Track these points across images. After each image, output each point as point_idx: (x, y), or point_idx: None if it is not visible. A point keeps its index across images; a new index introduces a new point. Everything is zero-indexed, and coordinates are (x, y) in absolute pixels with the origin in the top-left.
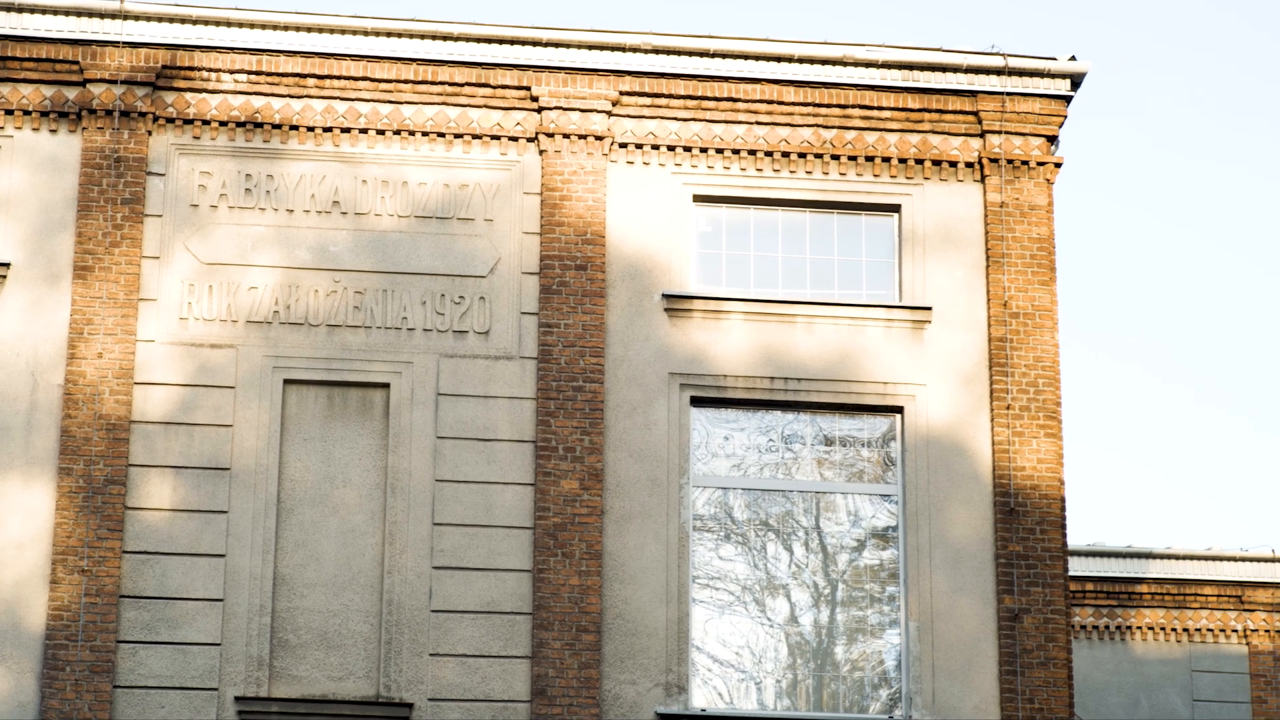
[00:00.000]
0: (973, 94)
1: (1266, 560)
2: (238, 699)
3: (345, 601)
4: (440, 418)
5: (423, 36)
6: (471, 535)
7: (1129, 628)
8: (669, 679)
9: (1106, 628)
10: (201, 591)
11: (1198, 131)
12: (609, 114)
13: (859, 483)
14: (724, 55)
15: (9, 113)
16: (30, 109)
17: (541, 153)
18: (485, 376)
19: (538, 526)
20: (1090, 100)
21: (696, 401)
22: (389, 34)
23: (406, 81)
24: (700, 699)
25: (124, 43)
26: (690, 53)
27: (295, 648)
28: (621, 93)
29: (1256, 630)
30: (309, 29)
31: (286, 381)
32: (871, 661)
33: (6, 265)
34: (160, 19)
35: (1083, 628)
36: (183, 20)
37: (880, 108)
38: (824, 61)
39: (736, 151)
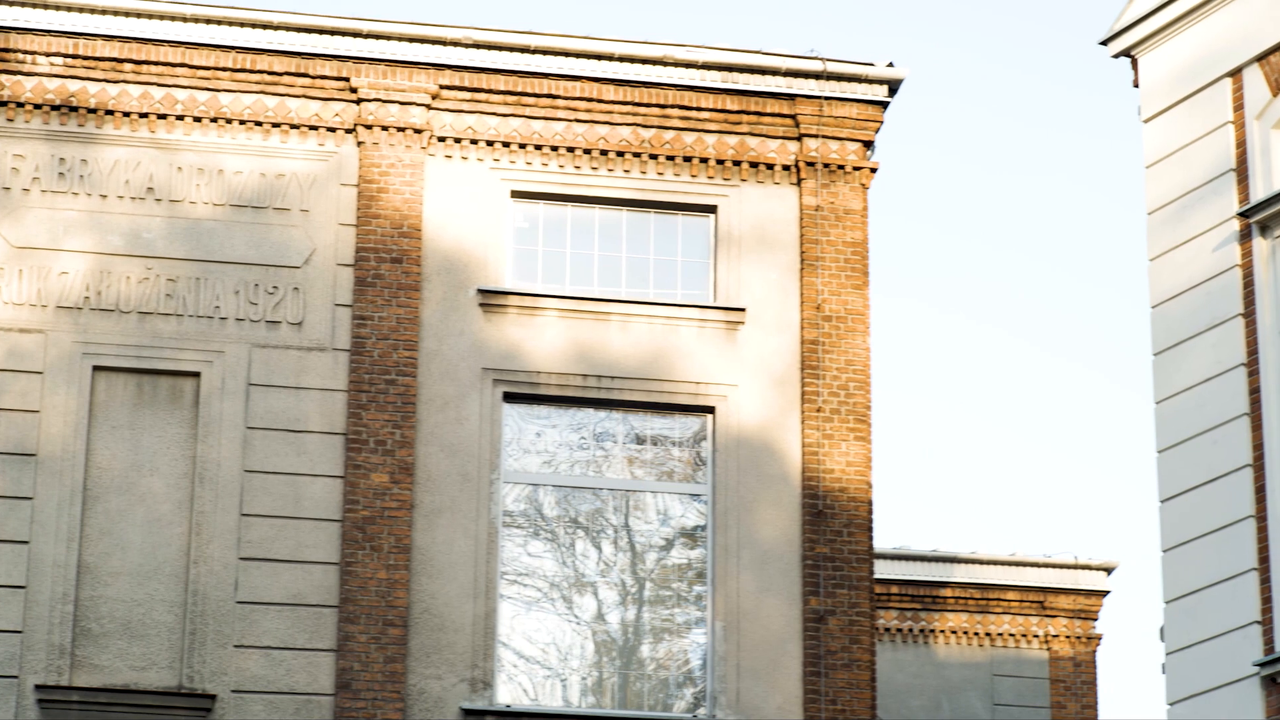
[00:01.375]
0: (791, 97)
1: (1069, 567)
2: (38, 687)
3: (150, 591)
4: (251, 408)
5: (242, 25)
6: (279, 527)
7: (932, 631)
8: (475, 674)
9: (910, 631)
10: (3, 578)
11: (1007, 141)
12: (428, 107)
13: (669, 482)
14: (544, 52)
15: None
16: None
17: (359, 144)
18: (297, 368)
19: (346, 519)
20: (908, 107)
21: (509, 397)
22: (208, 21)
23: (225, 69)
24: (505, 695)
25: None
26: (511, 48)
27: (98, 637)
28: (441, 86)
29: (1058, 636)
30: (127, 13)
31: (96, 368)
32: (677, 660)
33: None
34: None
35: (887, 630)
36: None
37: (699, 108)
38: (644, 61)
39: (555, 148)
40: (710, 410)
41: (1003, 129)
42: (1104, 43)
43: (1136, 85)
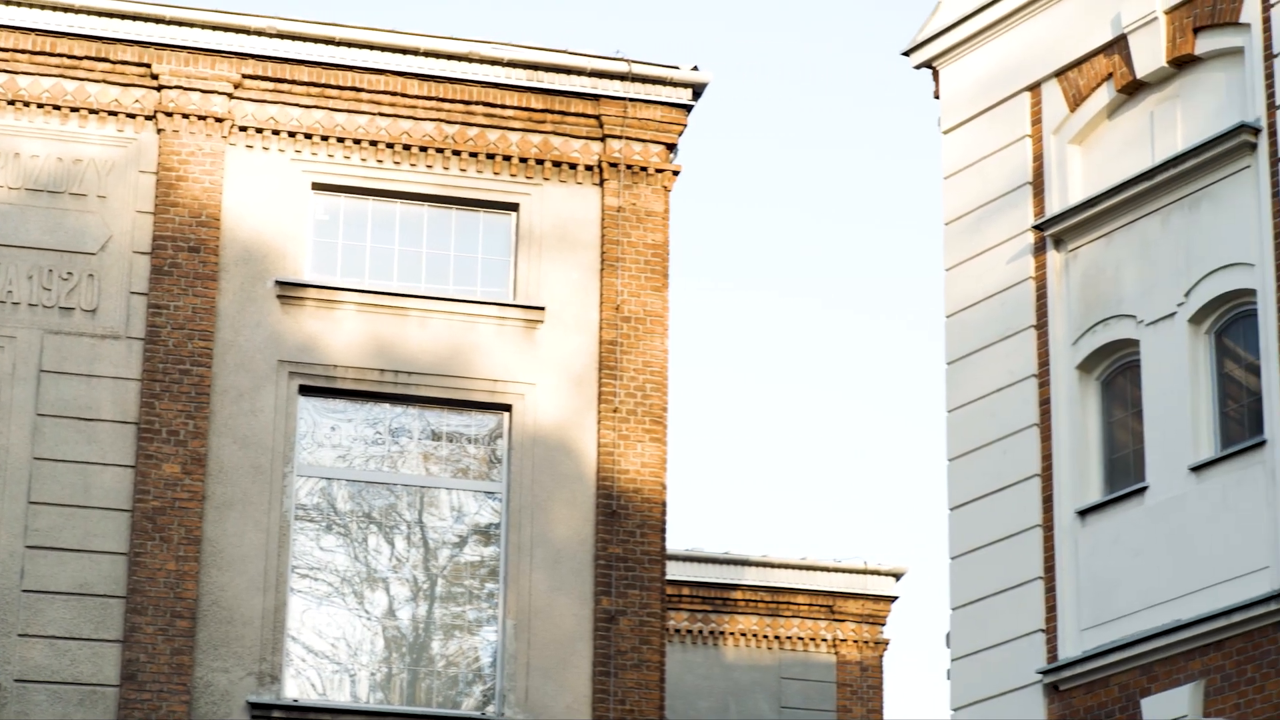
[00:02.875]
0: (595, 98)
1: (858, 572)
2: None
3: None
4: (42, 395)
5: (43, 7)
6: (68, 515)
7: (722, 633)
8: (263, 668)
9: (700, 632)
10: None
11: (813, 147)
12: (230, 96)
13: (464, 479)
14: (349, 44)
15: None
16: None
17: (159, 131)
18: (90, 355)
19: (136, 509)
20: (715, 110)
21: (305, 390)
22: (7, 3)
23: (24, 51)
24: (293, 690)
25: None
26: (315, 39)
27: None
28: (244, 75)
29: (846, 640)
30: None
31: None
32: (467, 658)
33: None
34: None
35: (677, 631)
36: None
37: (503, 106)
38: (449, 56)
39: (358, 141)
40: (507, 408)
41: (810, 134)
42: (906, 53)
43: (937, 97)
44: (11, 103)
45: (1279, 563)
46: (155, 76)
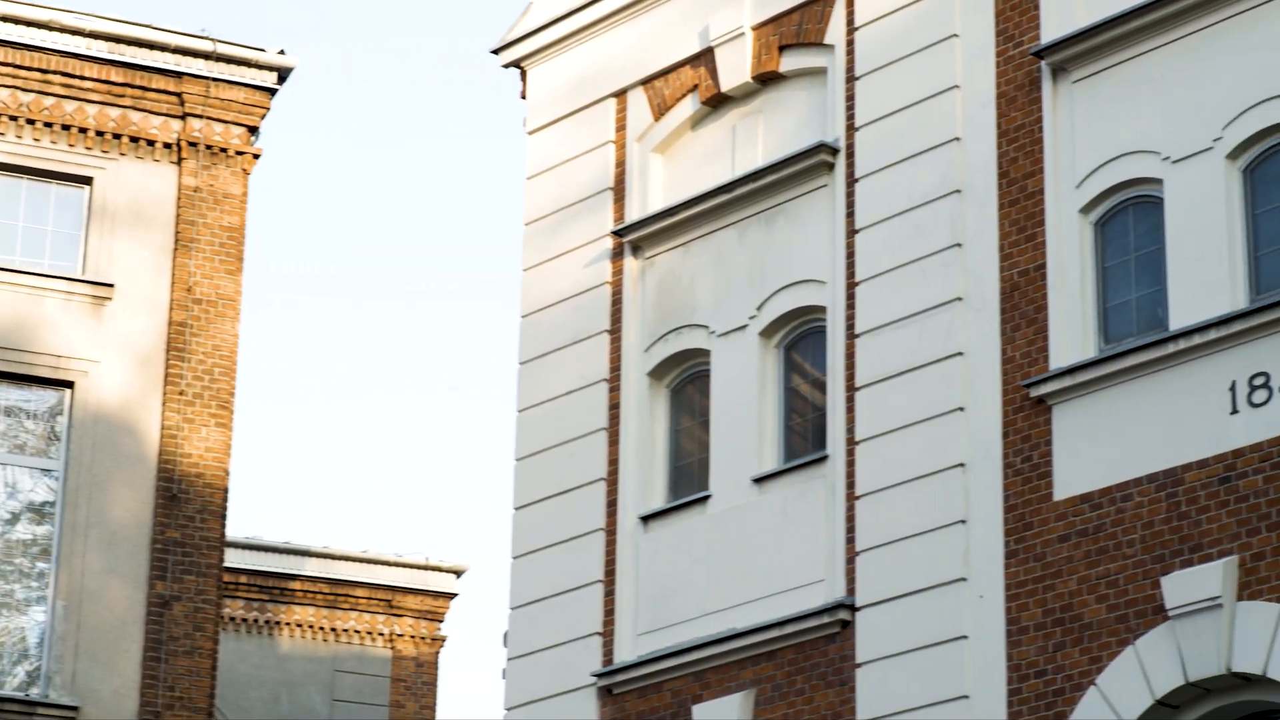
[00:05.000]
0: (178, 75)
1: (418, 567)
2: None
3: None
4: None
5: None
6: None
7: (279, 623)
8: None
9: (256, 621)
10: None
11: (404, 138)
12: None
13: (20, 455)
14: None
15: None
16: None
17: None
18: None
19: None
20: (307, 95)
21: None
22: None
23: None
24: None
25: None
26: None
27: None
28: None
29: (403, 635)
30: None
31: None
32: (14, 638)
33: None
34: None
35: (232, 619)
36: None
37: (83, 78)
38: (28, 23)
39: None
40: (69, 385)
41: (400, 125)
42: (495, 52)
43: (524, 97)
44: None
45: (835, 576)
46: None
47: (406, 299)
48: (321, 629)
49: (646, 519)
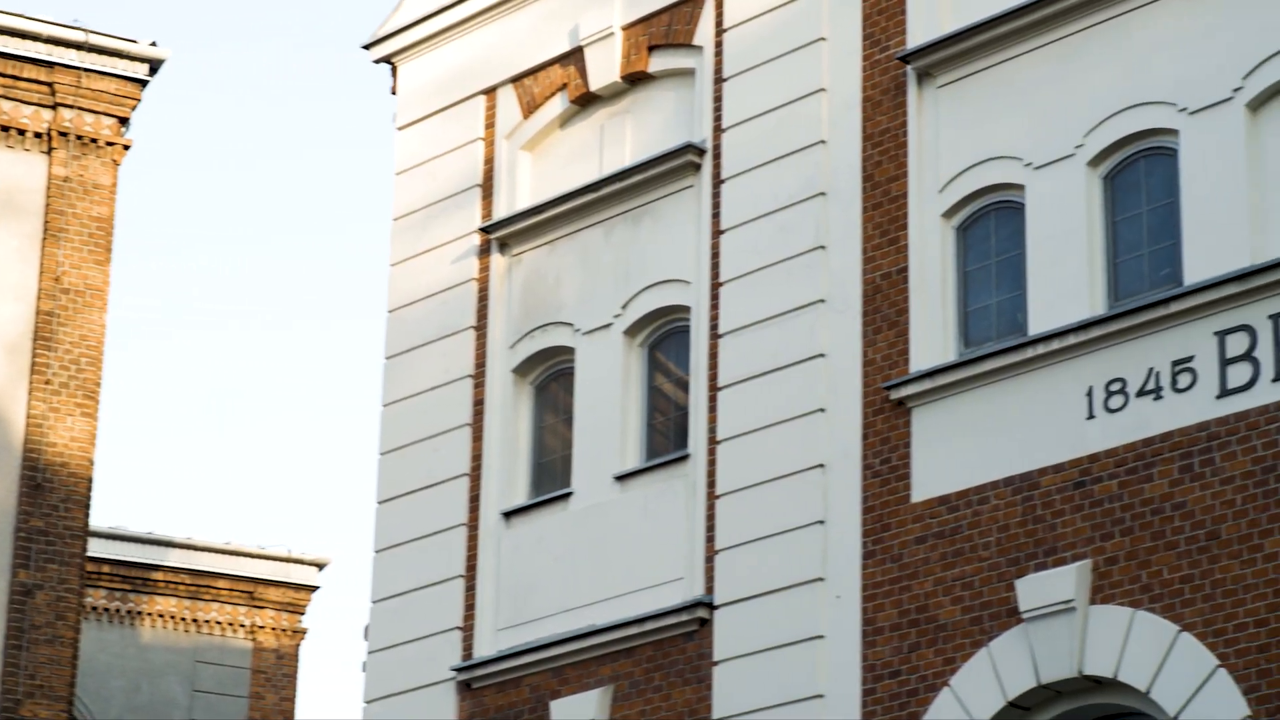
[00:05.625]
0: (49, 65)
1: (281, 559)
2: None
3: None
4: None
5: None
6: None
7: (140, 613)
8: None
9: (118, 611)
10: None
11: (277, 131)
12: None
13: None
14: None
15: None
16: None
17: None
18: None
19: None
20: (174, 87)
21: None
22: None
23: None
24: None
25: None
26: None
27: None
28: None
29: (264, 627)
30: None
31: None
32: None
33: None
34: None
35: (94, 609)
36: None
37: None
38: None
39: None
40: None
41: (272, 119)
42: (367, 47)
43: (395, 93)
44: None
45: (694, 574)
46: None
47: (273, 294)
48: (183, 620)
49: (509, 515)
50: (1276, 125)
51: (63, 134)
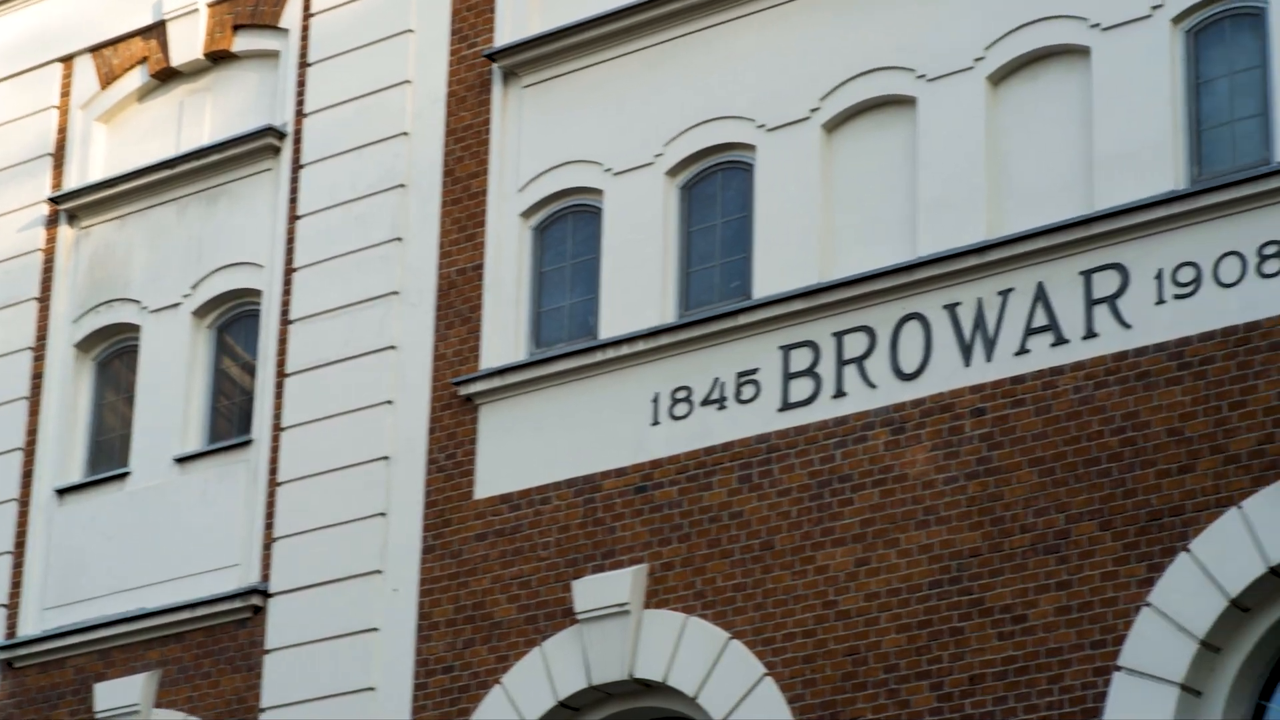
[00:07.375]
0: None
1: None
2: None
3: None
4: None
5: None
6: None
7: None
8: None
9: None
10: None
11: None
12: None
13: None
14: None
15: None
16: None
17: None
18: None
19: None
20: None
21: None
22: None
23: None
24: None
25: None
26: None
27: None
28: None
29: None
30: None
31: None
32: None
33: None
34: None
35: None
36: None
37: None
38: None
39: None
40: None
41: None
42: None
43: None
44: None
45: (250, 561)
46: None
47: None
48: None
49: (62, 492)
50: (850, 146)
51: None
